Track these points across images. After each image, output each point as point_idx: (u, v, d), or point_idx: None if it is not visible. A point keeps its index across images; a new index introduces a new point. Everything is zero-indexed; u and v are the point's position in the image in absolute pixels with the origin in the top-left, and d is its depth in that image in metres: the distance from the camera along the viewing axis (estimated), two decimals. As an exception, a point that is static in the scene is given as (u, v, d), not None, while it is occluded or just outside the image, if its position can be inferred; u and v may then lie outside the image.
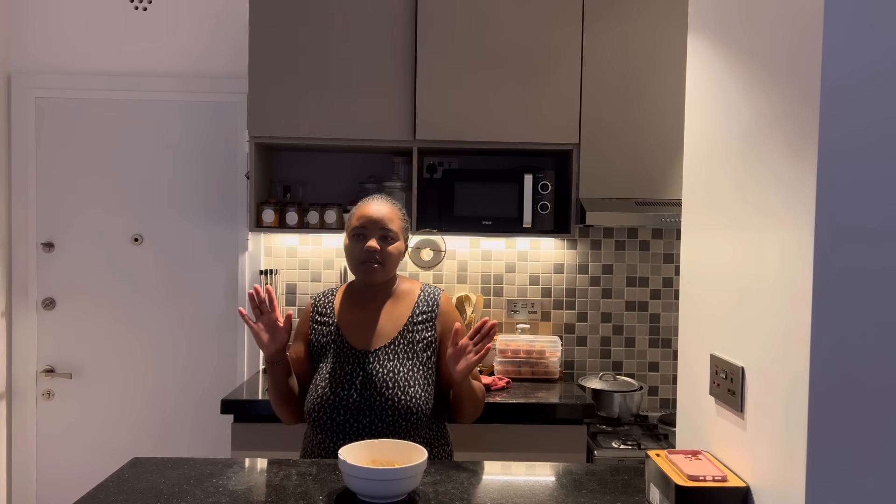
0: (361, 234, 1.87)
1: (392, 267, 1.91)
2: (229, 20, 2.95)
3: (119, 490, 1.50)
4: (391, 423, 1.79)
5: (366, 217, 1.88)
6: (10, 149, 2.94)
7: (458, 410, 1.93)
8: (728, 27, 1.47)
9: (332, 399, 1.81)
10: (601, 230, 2.99)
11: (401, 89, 2.65)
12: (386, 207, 1.91)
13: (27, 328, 2.97)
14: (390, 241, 1.88)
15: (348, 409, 1.80)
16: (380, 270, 1.87)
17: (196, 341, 3.01)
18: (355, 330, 1.90)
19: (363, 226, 1.87)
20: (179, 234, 3.00)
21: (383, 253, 1.86)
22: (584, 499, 1.50)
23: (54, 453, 3.00)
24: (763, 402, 1.27)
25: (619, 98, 2.69)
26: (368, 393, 1.80)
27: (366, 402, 1.80)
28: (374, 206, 1.90)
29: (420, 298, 1.95)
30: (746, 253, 1.35)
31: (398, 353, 1.86)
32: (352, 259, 1.89)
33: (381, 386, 1.80)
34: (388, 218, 1.89)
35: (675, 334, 2.98)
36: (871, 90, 1.11)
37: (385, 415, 1.79)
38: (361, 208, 1.91)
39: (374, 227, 1.87)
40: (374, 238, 1.86)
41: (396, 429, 1.79)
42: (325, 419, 1.81)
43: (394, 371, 1.83)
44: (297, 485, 1.56)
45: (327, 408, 1.81)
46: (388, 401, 1.79)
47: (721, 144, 1.49)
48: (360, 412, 1.80)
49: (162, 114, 2.98)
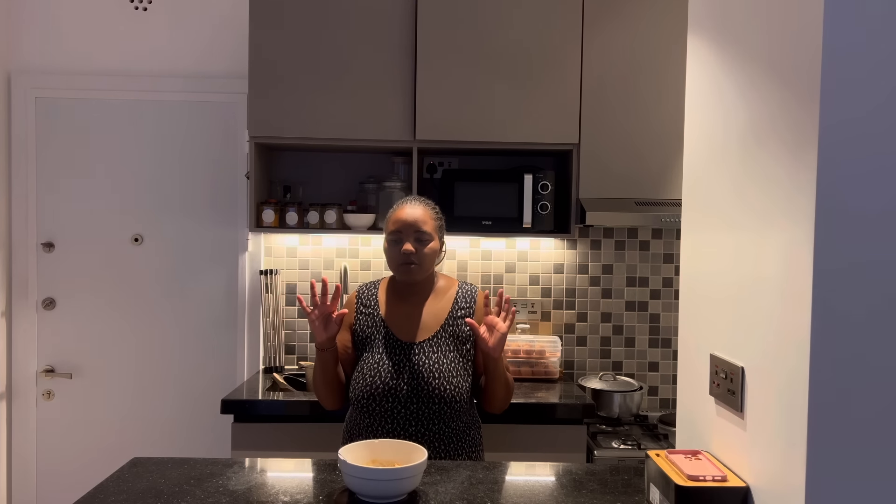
0: (397, 237, 1.96)
1: (429, 265, 2.00)
2: (229, 20, 2.95)
3: (119, 490, 1.50)
4: (437, 409, 1.90)
5: (400, 221, 1.97)
6: (10, 149, 2.94)
7: (490, 397, 2.00)
8: (728, 27, 1.47)
9: (381, 388, 1.91)
10: (601, 230, 2.99)
11: (401, 89, 2.65)
12: (419, 210, 1.99)
13: (27, 328, 2.97)
14: (425, 242, 1.97)
15: (397, 398, 1.90)
16: (417, 270, 1.97)
17: (196, 341, 3.01)
18: (400, 323, 2.00)
19: (398, 230, 1.97)
20: (179, 234, 3.00)
21: (419, 254, 1.96)
22: (584, 499, 1.50)
23: (54, 453, 2.99)
24: (763, 402, 1.27)
25: (619, 98, 2.69)
26: (416, 382, 1.91)
27: (414, 391, 1.90)
28: (408, 210, 1.99)
29: (459, 295, 2.05)
30: (746, 253, 1.35)
31: (441, 346, 1.96)
32: (391, 261, 2.00)
33: (427, 376, 1.91)
34: (422, 220, 1.97)
35: (675, 334, 2.98)
36: (871, 90, 1.11)
37: (432, 402, 1.90)
38: (396, 212, 2.00)
39: (409, 230, 1.96)
40: (410, 241, 1.95)
41: (441, 415, 1.91)
42: (374, 406, 1.91)
43: (438, 362, 1.93)
44: (297, 485, 1.56)
45: (377, 396, 1.90)
46: (434, 390, 1.90)
47: (721, 144, 1.49)
48: (409, 400, 1.90)
49: (162, 114, 2.98)
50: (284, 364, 2.92)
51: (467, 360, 1.99)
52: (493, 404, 2.01)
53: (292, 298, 2.98)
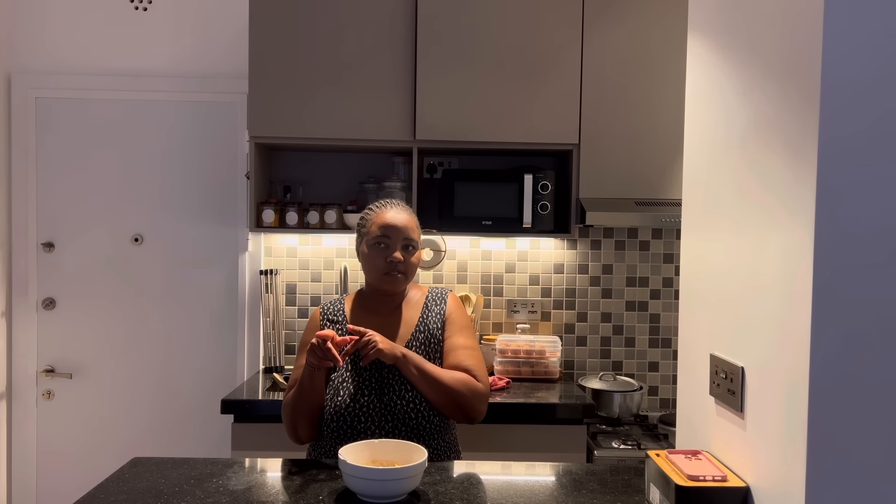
0: (384, 242, 1.85)
1: (412, 275, 1.91)
2: (229, 20, 2.95)
3: (119, 490, 1.50)
4: (414, 426, 1.78)
5: (388, 226, 1.85)
6: (10, 149, 2.94)
7: (434, 406, 1.81)
8: (728, 27, 1.47)
9: (352, 406, 1.78)
10: (601, 230, 2.99)
11: (401, 89, 2.65)
12: (405, 215, 1.90)
13: (27, 328, 2.97)
14: (412, 250, 1.88)
15: (369, 416, 1.78)
16: (402, 281, 1.88)
17: (196, 341, 3.01)
18: None
19: (386, 235, 1.85)
20: (179, 234, 3.00)
21: (406, 263, 1.86)
22: (584, 499, 1.50)
23: (54, 453, 2.99)
24: (763, 402, 1.27)
25: (619, 98, 2.69)
26: (388, 398, 1.79)
27: (387, 408, 1.78)
28: (396, 215, 1.88)
29: (429, 298, 1.96)
30: (746, 253, 1.35)
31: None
32: (374, 269, 1.87)
33: (401, 390, 1.79)
34: (410, 227, 1.88)
35: (675, 334, 2.98)
36: (871, 90, 1.11)
37: (408, 419, 1.78)
38: (381, 216, 1.88)
39: (398, 236, 1.85)
40: (398, 248, 1.85)
41: (419, 434, 1.78)
42: (345, 427, 1.78)
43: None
44: (297, 485, 1.56)
45: (347, 415, 1.78)
46: (408, 405, 1.79)
47: (721, 144, 1.49)
48: (382, 418, 1.78)
49: (162, 114, 2.98)
50: (284, 364, 2.92)
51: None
52: (447, 412, 1.81)
53: (292, 298, 2.98)
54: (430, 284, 2.93)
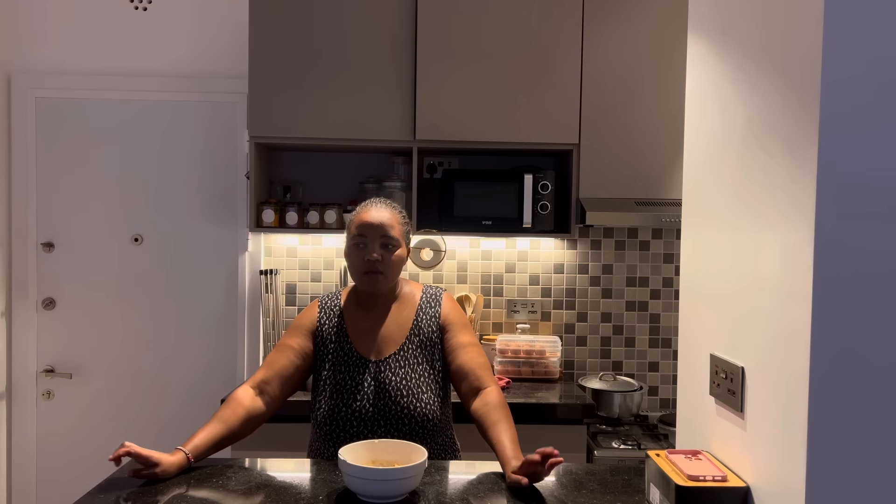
0: (362, 242, 1.81)
1: (395, 274, 1.85)
2: (229, 20, 2.95)
3: (119, 490, 1.50)
4: (408, 431, 1.77)
5: (365, 225, 1.81)
6: (10, 149, 2.94)
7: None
8: (728, 27, 1.47)
9: (344, 410, 1.77)
10: (601, 230, 2.99)
11: (401, 89, 2.65)
12: (386, 213, 1.84)
13: (27, 328, 2.97)
14: (392, 248, 1.82)
15: (363, 420, 1.76)
16: (382, 280, 1.82)
17: (196, 341, 3.01)
18: (363, 338, 1.85)
19: (363, 234, 1.81)
20: (179, 234, 3.00)
21: (385, 262, 1.81)
22: (584, 499, 1.50)
23: (54, 453, 2.99)
24: (763, 402, 1.27)
25: (619, 98, 2.69)
26: (382, 402, 1.77)
27: (380, 412, 1.77)
28: (374, 213, 1.84)
29: (423, 300, 1.92)
30: (746, 253, 1.35)
31: (408, 360, 1.82)
32: (354, 269, 1.84)
33: (395, 394, 1.77)
34: (389, 224, 1.82)
35: (675, 334, 2.98)
36: (871, 90, 1.11)
37: (402, 423, 1.76)
38: (360, 214, 1.85)
39: (375, 234, 1.81)
40: (376, 247, 1.80)
41: (414, 437, 1.76)
42: (337, 430, 1.77)
43: (406, 378, 1.79)
44: (297, 485, 1.56)
45: (340, 419, 1.77)
46: (403, 409, 1.77)
47: (721, 144, 1.49)
48: (375, 422, 1.76)
49: (162, 114, 2.98)
50: (284, 364, 2.92)
51: (437, 371, 1.85)
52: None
53: (292, 298, 2.98)
54: (425, 283, 2.93)
